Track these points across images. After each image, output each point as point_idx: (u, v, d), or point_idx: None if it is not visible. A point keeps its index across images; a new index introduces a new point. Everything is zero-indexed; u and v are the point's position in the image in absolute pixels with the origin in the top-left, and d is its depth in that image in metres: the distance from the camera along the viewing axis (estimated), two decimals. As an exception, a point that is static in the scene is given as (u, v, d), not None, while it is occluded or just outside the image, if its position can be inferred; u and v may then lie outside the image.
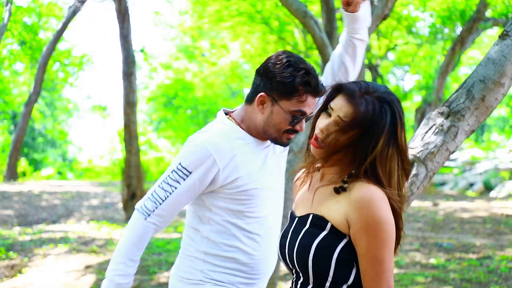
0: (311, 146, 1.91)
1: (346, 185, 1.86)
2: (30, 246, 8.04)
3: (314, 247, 1.81)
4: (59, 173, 26.58)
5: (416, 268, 6.62)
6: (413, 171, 3.00)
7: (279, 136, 2.33)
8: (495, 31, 16.81)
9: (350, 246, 1.82)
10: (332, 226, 1.83)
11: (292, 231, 1.93)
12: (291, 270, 1.95)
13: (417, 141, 3.06)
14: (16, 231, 9.39)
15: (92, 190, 15.19)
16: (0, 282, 6.44)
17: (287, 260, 1.92)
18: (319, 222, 1.85)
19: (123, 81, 10.78)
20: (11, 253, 7.56)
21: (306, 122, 2.34)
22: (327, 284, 1.82)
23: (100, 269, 6.72)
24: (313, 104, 2.28)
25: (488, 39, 20.63)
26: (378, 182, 1.84)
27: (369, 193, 1.80)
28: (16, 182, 16.60)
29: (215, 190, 2.29)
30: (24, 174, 20.49)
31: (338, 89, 1.93)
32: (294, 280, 1.94)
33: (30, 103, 17.61)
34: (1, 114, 26.72)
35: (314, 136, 1.90)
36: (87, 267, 6.88)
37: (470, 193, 17.47)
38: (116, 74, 62.47)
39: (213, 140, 2.27)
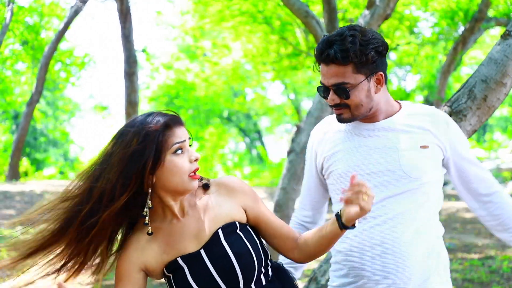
0: (192, 181, 1.89)
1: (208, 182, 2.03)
2: (31, 245, 8.04)
3: (249, 244, 1.93)
4: (61, 172, 26.59)
5: (418, 268, 6.62)
6: (415, 171, 3.00)
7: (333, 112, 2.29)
8: (497, 31, 16.80)
9: (253, 229, 2.02)
10: (238, 223, 1.97)
11: (210, 260, 1.90)
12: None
13: (419, 141, 3.06)
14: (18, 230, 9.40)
15: (93, 190, 15.17)
16: (2, 282, 6.45)
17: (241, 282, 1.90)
18: (231, 228, 1.94)
19: (125, 81, 10.79)
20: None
21: (329, 94, 2.18)
22: (263, 270, 1.96)
23: (102, 269, 6.73)
24: (328, 73, 2.15)
25: (490, 39, 20.61)
26: None
27: (235, 178, 2.08)
28: (18, 182, 16.60)
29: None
30: (26, 174, 20.51)
31: (176, 120, 1.95)
32: None
33: (32, 103, 17.61)
34: (3, 114, 26.76)
35: (194, 170, 1.90)
36: (88, 266, 6.88)
37: (472, 193, 17.44)
38: (118, 74, 62.51)
39: (317, 125, 2.44)
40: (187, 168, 1.88)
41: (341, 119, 2.22)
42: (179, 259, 1.92)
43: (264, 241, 2.07)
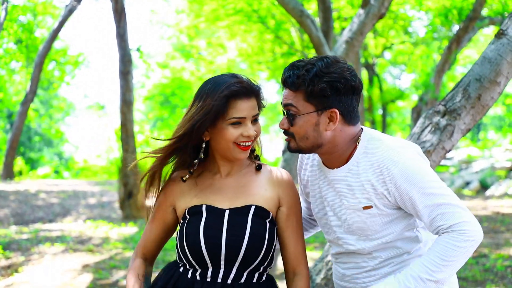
0: (238, 150, 2.07)
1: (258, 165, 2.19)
2: (27, 245, 8.03)
3: (267, 236, 2.04)
4: (56, 172, 26.52)
5: (413, 267, 6.64)
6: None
7: None
8: (491, 30, 16.85)
9: (277, 234, 2.13)
10: (272, 216, 2.09)
11: (227, 223, 2.03)
12: (215, 262, 2.02)
13: (414, 140, 3.07)
14: (12, 230, 9.37)
15: (88, 189, 15.16)
16: (-3, 281, 6.43)
17: (222, 250, 2.00)
18: (263, 212, 2.07)
19: (120, 80, 10.77)
20: (7, 252, 7.55)
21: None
22: (261, 268, 2.07)
23: (97, 268, 6.72)
24: (283, 96, 2.12)
25: (484, 38, 20.66)
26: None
27: (288, 174, 2.20)
28: (12, 181, 16.56)
29: None
30: (20, 173, 20.45)
31: (245, 93, 2.07)
32: (211, 272, 2.03)
33: (26, 102, 17.56)
34: (-3, 113, 26.66)
35: (241, 141, 2.06)
36: (84, 266, 6.88)
37: (466, 191, 17.49)
38: (113, 73, 62.38)
39: None
40: (236, 138, 2.05)
41: (289, 148, 2.17)
42: (204, 206, 2.09)
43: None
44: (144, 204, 2.26)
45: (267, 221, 2.07)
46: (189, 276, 2.06)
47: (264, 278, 2.10)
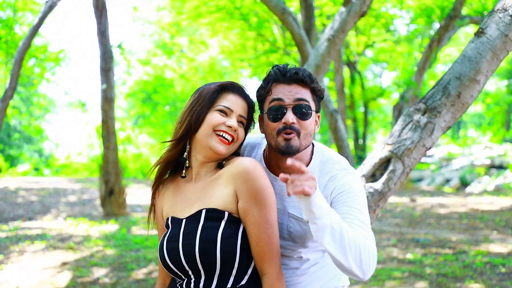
0: (216, 140, 2.01)
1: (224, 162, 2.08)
2: (6, 243, 7.95)
3: (220, 238, 1.91)
4: (36, 169, 26.26)
5: (393, 263, 6.69)
6: (390, 167, 3.04)
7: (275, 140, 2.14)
8: (471, 29, 17.01)
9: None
10: (229, 214, 1.97)
11: (183, 233, 1.97)
12: (184, 272, 1.97)
13: (394, 138, 3.09)
14: (-9, 228, 9.27)
15: (69, 187, 15.04)
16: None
17: (183, 262, 1.95)
18: (215, 214, 1.96)
19: (101, 77, 10.69)
20: (-14, 251, 7.47)
21: (284, 115, 2.07)
22: (234, 272, 1.95)
23: (77, 266, 6.67)
24: (290, 92, 2.07)
25: (464, 36, 20.86)
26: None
27: (249, 163, 1.99)
28: (-9, 179, 16.37)
29: None
30: (0, 170, 20.22)
31: (225, 87, 2.08)
32: (185, 282, 1.99)
33: (5, 98, 17.31)
34: (-24, 110, 26.29)
35: (222, 129, 2.03)
36: (64, 264, 6.82)
37: (446, 189, 17.66)
38: (94, 70, 61.89)
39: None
40: (217, 124, 2.02)
41: (288, 146, 2.05)
42: (169, 218, 2.06)
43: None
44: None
45: (222, 222, 1.95)
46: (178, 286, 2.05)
47: (243, 282, 1.97)
